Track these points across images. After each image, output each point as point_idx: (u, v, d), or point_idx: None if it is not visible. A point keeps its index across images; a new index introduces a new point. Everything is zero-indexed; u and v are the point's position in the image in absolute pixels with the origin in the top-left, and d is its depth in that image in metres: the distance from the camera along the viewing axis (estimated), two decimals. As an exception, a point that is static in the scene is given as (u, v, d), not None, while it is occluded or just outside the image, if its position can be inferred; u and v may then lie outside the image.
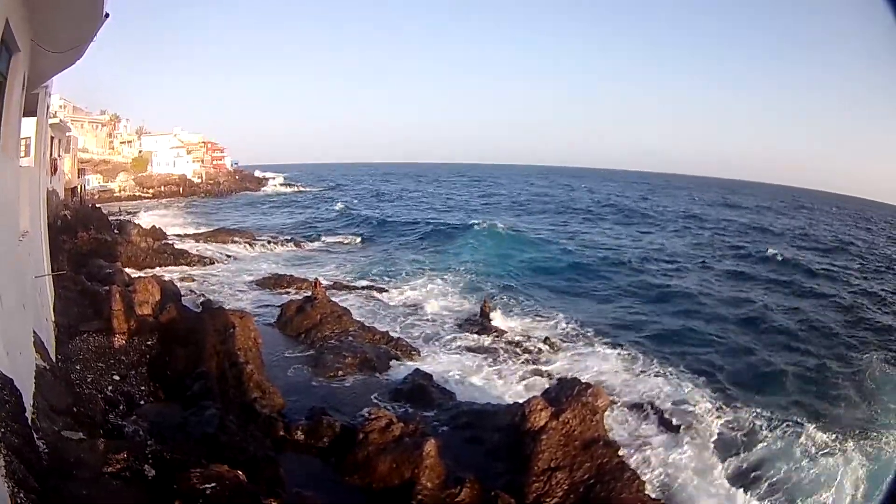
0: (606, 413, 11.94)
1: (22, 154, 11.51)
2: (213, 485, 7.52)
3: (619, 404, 14.96)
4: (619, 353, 19.37)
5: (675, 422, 14.42)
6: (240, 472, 8.03)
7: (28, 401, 6.47)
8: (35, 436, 5.81)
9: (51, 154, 23.37)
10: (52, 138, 24.47)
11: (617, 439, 11.87)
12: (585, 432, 10.99)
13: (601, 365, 18.27)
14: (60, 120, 36.52)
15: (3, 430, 4.66)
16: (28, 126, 12.69)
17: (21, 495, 4.30)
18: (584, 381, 12.52)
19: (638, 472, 11.06)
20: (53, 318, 13.35)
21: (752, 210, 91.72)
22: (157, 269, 29.62)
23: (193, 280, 27.81)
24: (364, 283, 29.22)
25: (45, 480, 4.99)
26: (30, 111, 12.20)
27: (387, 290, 27.44)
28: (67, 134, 39.40)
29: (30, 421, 5.92)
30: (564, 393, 11.64)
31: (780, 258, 39.52)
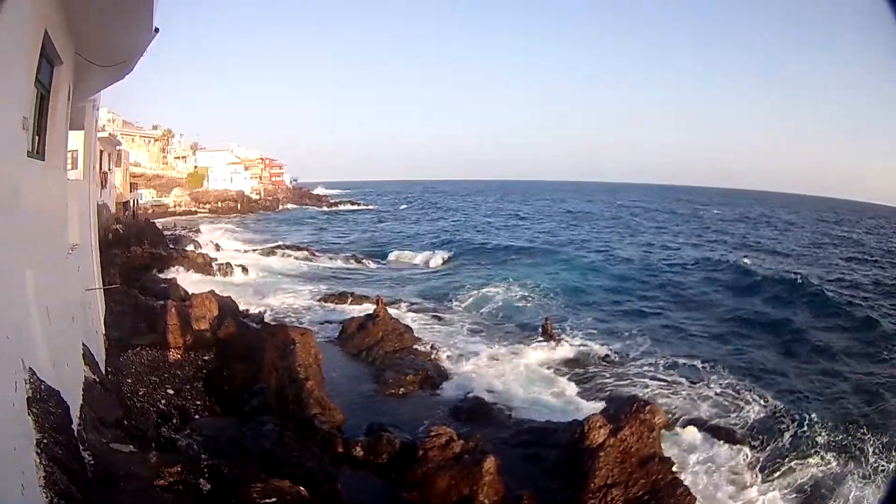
0: (663, 430, 12.07)
1: (70, 167, 12.02)
2: (273, 499, 7.67)
3: (678, 422, 15.01)
4: (681, 371, 19.37)
5: (732, 438, 14.44)
6: (301, 488, 8.16)
7: (75, 413, 6.71)
8: (81, 447, 6.01)
9: (100, 167, 24.32)
10: (101, 152, 25.51)
11: (672, 456, 11.91)
12: (642, 449, 11.14)
13: (661, 382, 18.35)
14: (110, 133, 38.08)
15: (46, 440, 4.84)
16: (76, 139, 13.31)
17: (61, 505, 4.45)
18: (642, 398, 12.76)
19: (691, 488, 11.09)
20: (104, 332, 13.89)
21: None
22: (215, 283, 30.44)
23: (253, 295, 28.57)
24: (427, 300, 29.64)
25: (89, 492, 5.15)
26: (77, 124, 12.78)
27: (449, 308, 27.80)
28: (118, 148, 40.97)
29: (76, 433, 6.12)
30: (623, 410, 11.76)
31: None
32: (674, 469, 11.11)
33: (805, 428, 15.25)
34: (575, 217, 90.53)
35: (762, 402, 16.90)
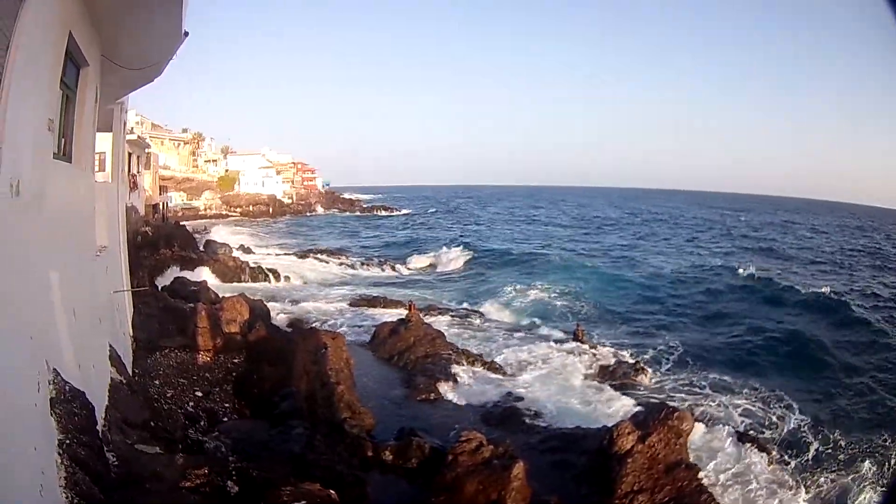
0: (690, 436, 12.02)
1: (98, 169, 12.18)
2: (303, 503, 7.66)
3: (706, 428, 14.93)
4: (711, 381, 19.27)
5: (761, 448, 14.26)
6: (332, 491, 8.15)
7: (100, 414, 6.78)
8: (105, 448, 6.06)
9: (129, 170, 24.68)
10: (130, 154, 25.89)
11: (698, 462, 11.96)
12: (669, 455, 11.15)
13: (691, 390, 18.41)
14: (139, 136, 38.66)
15: (68, 441, 4.87)
16: (104, 141, 13.50)
17: (81, 506, 4.47)
18: (671, 404, 12.83)
19: (714, 494, 11.11)
20: (132, 333, 14.06)
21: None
22: (246, 287, 30.73)
23: (284, 299, 28.75)
24: (458, 305, 29.68)
25: (112, 492, 5.18)
26: (105, 126, 12.96)
27: (482, 313, 27.78)
28: (147, 150, 41.58)
29: (100, 433, 6.17)
30: (652, 417, 11.75)
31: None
32: (699, 475, 11.10)
33: (832, 442, 15.21)
34: (603, 223, 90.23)
35: (792, 414, 16.82)
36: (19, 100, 4.64)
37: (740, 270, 40.11)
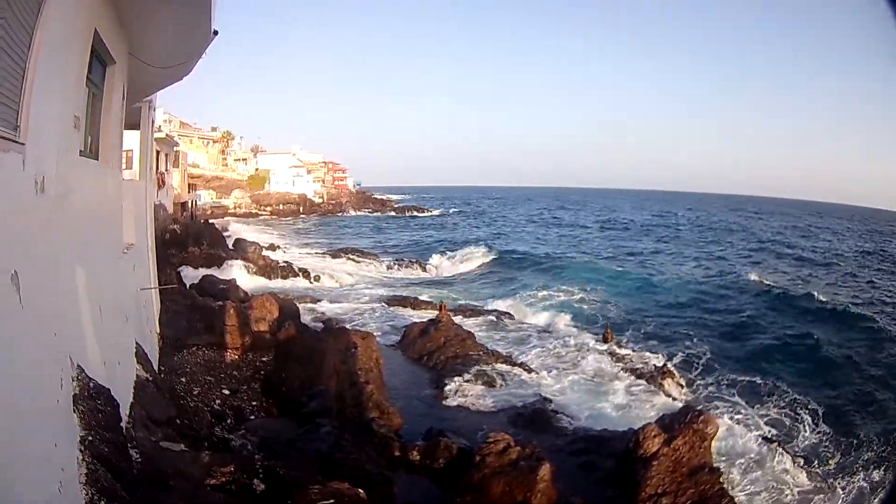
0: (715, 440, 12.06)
1: (125, 167, 12.34)
2: (331, 501, 7.66)
3: (731, 432, 14.87)
4: (739, 386, 19.17)
5: (787, 451, 14.40)
6: (360, 490, 8.15)
7: (125, 411, 6.84)
8: (129, 445, 6.11)
9: (157, 168, 24.96)
10: (158, 152, 26.19)
11: (722, 466, 12.10)
12: (693, 459, 11.21)
13: (718, 393, 18.46)
14: (167, 134, 39.08)
15: (91, 438, 4.91)
16: (132, 139, 13.66)
17: (103, 503, 4.49)
18: (696, 407, 12.93)
19: (736, 499, 11.29)
20: (159, 331, 14.22)
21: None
22: (276, 285, 31.00)
23: (314, 299, 28.99)
24: (488, 306, 29.64)
25: (134, 489, 5.21)
26: (133, 124, 13.13)
27: (511, 315, 27.78)
28: (175, 148, 42.01)
29: (125, 430, 6.22)
30: (677, 420, 11.80)
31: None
32: (721, 480, 11.16)
33: (858, 448, 15.15)
34: (629, 226, 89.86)
35: (818, 420, 16.73)
36: (43, 97, 4.68)
37: (764, 280, 39.69)
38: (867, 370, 22.09)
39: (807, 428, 16.22)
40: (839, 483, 13.38)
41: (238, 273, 31.29)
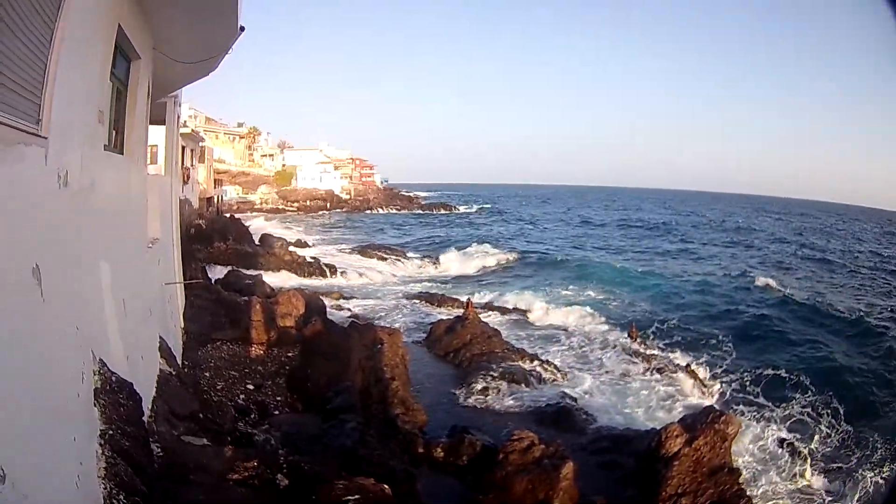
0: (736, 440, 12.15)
1: (150, 162, 12.45)
2: (356, 497, 7.66)
3: (753, 433, 14.91)
4: (763, 387, 18.73)
5: (809, 453, 14.35)
6: (386, 486, 8.15)
7: (147, 405, 6.90)
8: (150, 439, 6.17)
9: (182, 163, 25.17)
10: (183, 147, 26.39)
11: (741, 466, 12.13)
12: (713, 459, 11.29)
13: (742, 394, 18.15)
14: (192, 129, 39.37)
15: (112, 432, 4.96)
16: (157, 134, 13.79)
17: (121, 497, 4.53)
18: (718, 408, 12.97)
19: (754, 499, 11.42)
20: (183, 325, 14.36)
21: None
22: (303, 279, 31.23)
23: (340, 295, 29.11)
24: (514, 304, 29.64)
25: (154, 483, 5.26)
26: (158, 119, 13.25)
27: (538, 312, 27.75)
28: (201, 144, 42.28)
29: (146, 424, 6.28)
30: (700, 420, 11.85)
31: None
32: (740, 480, 11.20)
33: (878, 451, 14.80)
34: (654, 227, 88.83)
35: (839, 423, 16.34)
36: (66, 91, 4.72)
37: (786, 284, 39.24)
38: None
39: (827, 428, 15.98)
40: (857, 484, 13.27)
41: (263, 268, 31.48)
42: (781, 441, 14.63)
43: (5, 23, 3.16)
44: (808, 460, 13.87)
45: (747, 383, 19.03)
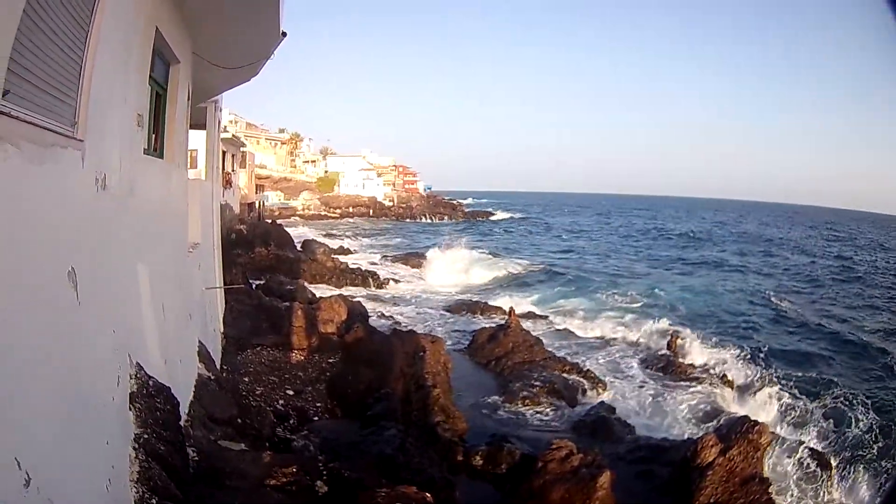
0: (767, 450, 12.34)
1: (190, 166, 12.63)
2: (398, 504, 7.67)
3: (787, 443, 14.86)
4: (799, 389, 19.01)
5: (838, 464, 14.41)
6: (428, 495, 8.13)
7: (185, 409, 6.95)
8: (186, 444, 6.20)
9: (223, 168, 25.51)
10: (224, 152, 26.77)
11: (775, 467, 12.76)
12: (746, 469, 11.47)
13: (779, 405, 18.03)
14: (234, 135, 39.86)
15: (147, 436, 4.99)
16: (197, 138, 14.00)
17: (154, 501, 4.55)
18: (753, 417, 12.96)
19: None
20: (222, 330, 14.52)
21: None
22: (345, 289, 31.29)
23: (383, 302, 29.27)
24: (556, 313, 29.68)
25: (189, 487, 5.28)
26: (198, 124, 13.43)
27: (578, 321, 27.85)
28: (242, 149, 42.98)
29: (182, 428, 6.32)
30: (734, 430, 12.05)
31: None
32: (770, 490, 11.36)
33: None
34: (686, 236, 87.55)
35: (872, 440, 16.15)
36: (103, 95, 4.77)
37: (819, 321, 38.45)
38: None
39: (861, 444, 15.88)
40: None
41: (305, 274, 31.70)
42: (813, 452, 14.55)
43: (33, 20, 3.17)
44: (838, 473, 13.90)
45: (785, 395, 18.87)
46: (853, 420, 17.02)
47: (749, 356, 22.47)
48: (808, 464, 13.99)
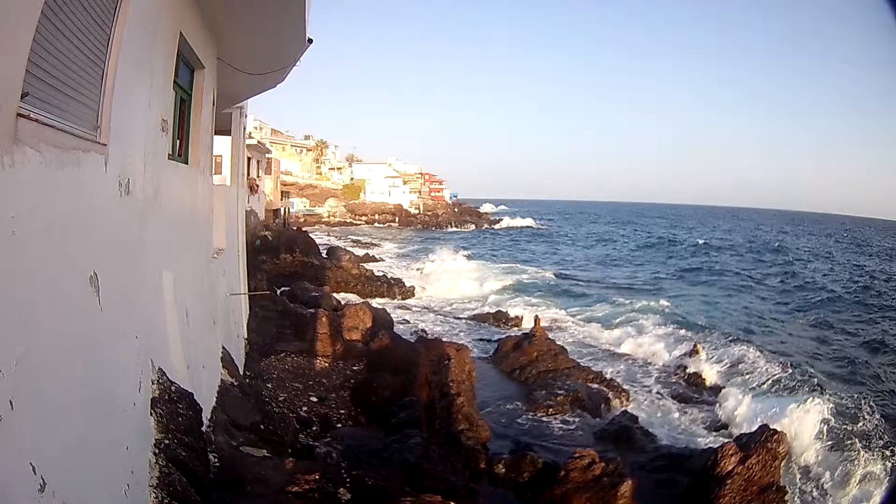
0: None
1: (215, 172, 12.70)
2: (424, 514, 7.66)
3: (806, 451, 15.12)
4: (825, 400, 18.22)
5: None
6: (452, 503, 8.12)
7: (206, 415, 6.96)
8: (208, 449, 6.20)
9: (248, 174, 25.68)
10: (249, 158, 26.97)
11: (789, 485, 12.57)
12: (764, 477, 11.74)
13: (800, 412, 17.49)
14: (259, 141, 40.11)
15: (167, 441, 4.99)
16: (222, 144, 14.10)
17: (172, 507, 4.54)
18: (771, 427, 13.10)
19: None
20: (246, 336, 14.58)
21: None
22: (370, 297, 31.26)
23: (408, 310, 29.51)
24: (579, 321, 29.84)
25: (209, 493, 5.27)
26: (223, 129, 13.54)
27: (603, 331, 27.94)
28: (267, 155, 43.28)
29: (204, 434, 6.32)
30: (754, 439, 12.33)
31: None
32: (785, 498, 11.67)
33: None
34: (708, 246, 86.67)
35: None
36: (127, 99, 4.79)
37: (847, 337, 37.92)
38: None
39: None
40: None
41: (329, 281, 31.83)
42: (830, 461, 14.59)
43: (52, 22, 3.18)
44: (857, 483, 13.82)
45: (808, 403, 18.43)
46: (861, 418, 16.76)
47: (774, 366, 22.21)
48: (826, 475, 14.03)
